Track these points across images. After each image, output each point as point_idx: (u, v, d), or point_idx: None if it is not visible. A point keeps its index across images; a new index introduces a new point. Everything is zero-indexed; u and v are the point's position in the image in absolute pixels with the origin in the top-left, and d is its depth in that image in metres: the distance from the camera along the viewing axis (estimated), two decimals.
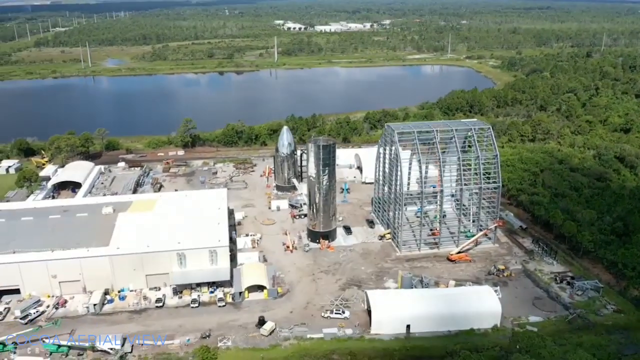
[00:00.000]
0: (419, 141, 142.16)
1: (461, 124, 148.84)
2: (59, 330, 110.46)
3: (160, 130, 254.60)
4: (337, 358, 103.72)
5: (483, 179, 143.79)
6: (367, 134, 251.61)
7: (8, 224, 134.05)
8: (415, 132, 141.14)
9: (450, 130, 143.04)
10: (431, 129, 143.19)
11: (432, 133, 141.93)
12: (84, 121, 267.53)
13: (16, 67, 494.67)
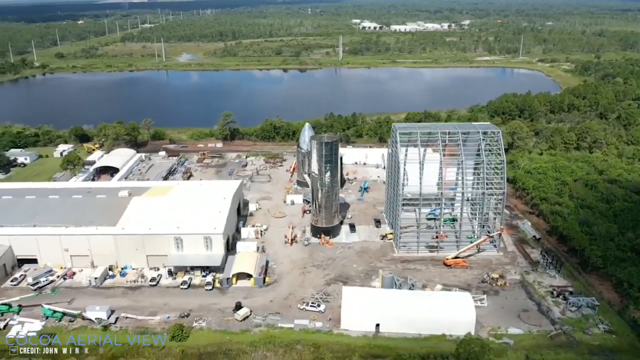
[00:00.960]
0: (422, 142, 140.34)
1: (470, 127, 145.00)
2: (58, 298, 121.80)
3: (208, 123, 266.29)
4: (300, 348, 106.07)
5: (489, 184, 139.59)
6: None
7: (36, 201, 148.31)
8: (418, 132, 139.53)
9: (455, 133, 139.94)
10: (435, 130, 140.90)
11: (436, 135, 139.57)
12: (140, 111, 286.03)
13: (98, 60, 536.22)
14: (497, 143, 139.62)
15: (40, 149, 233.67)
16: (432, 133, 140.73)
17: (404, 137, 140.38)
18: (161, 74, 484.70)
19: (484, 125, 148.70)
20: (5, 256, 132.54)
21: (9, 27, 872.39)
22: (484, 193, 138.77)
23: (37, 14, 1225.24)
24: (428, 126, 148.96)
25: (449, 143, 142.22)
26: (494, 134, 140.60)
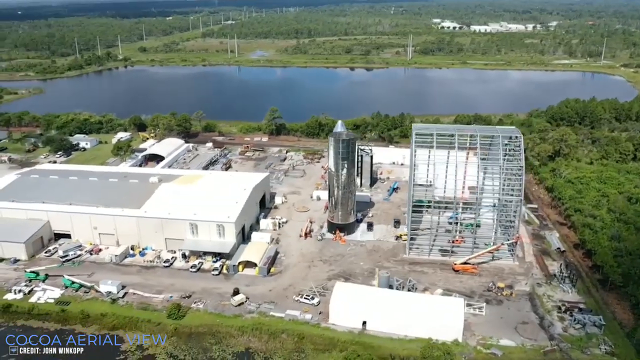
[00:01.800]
0: (443, 145, 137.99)
1: (491, 131, 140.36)
2: (80, 270, 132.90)
3: (261, 117, 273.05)
4: (284, 337, 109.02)
5: (507, 190, 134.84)
6: None
7: (77, 181, 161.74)
8: (434, 134, 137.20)
9: (475, 135, 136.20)
10: (452, 132, 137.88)
11: (454, 137, 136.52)
12: (200, 103, 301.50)
13: (176, 55, 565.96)
14: (519, 148, 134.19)
15: (102, 136, 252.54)
16: (451, 135, 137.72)
17: (419, 138, 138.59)
18: (230, 69, 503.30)
19: (507, 129, 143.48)
20: (43, 230, 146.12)
21: (103, 22, 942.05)
22: (499, 199, 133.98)
23: (132, 10, 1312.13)
24: (447, 128, 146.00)
25: (470, 146, 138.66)
26: (516, 139, 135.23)
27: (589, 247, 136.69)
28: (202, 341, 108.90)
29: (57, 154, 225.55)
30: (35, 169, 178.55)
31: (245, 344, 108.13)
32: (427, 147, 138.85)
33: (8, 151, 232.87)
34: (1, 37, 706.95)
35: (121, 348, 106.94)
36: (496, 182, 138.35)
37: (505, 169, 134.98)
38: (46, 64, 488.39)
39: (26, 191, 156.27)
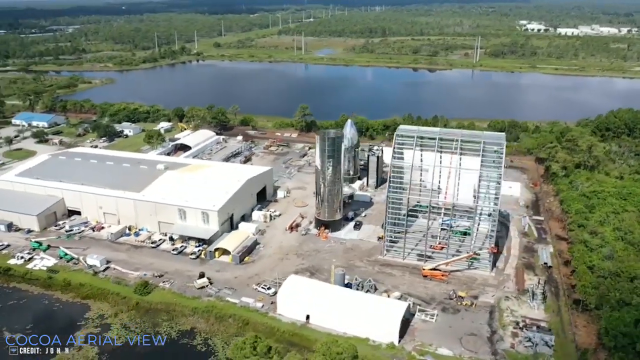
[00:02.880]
0: (421, 146, 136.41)
1: (475, 136, 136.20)
2: (77, 244, 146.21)
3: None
4: (230, 322, 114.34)
5: (484, 199, 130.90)
6: None
7: (94, 164, 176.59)
8: (415, 136, 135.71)
9: (455, 140, 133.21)
10: (434, 135, 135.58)
11: (435, 140, 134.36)
12: (248, 97, 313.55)
13: (245, 51, 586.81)
14: (500, 156, 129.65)
15: (147, 124, 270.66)
16: (431, 138, 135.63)
17: (400, 140, 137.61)
18: (292, 66, 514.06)
19: (492, 135, 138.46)
20: (57, 205, 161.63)
21: (189, 18, 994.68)
22: (475, 207, 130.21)
23: (222, 7, 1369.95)
24: (432, 131, 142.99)
25: (452, 151, 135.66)
26: (499, 146, 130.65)
27: (573, 264, 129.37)
28: (156, 317, 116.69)
29: (101, 139, 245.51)
30: (66, 151, 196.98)
31: (192, 323, 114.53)
32: (409, 149, 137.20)
33: (62, 135, 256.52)
34: (95, 31, 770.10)
35: (85, 315, 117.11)
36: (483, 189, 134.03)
37: (485, 177, 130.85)
38: (126, 57, 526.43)
39: (50, 170, 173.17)
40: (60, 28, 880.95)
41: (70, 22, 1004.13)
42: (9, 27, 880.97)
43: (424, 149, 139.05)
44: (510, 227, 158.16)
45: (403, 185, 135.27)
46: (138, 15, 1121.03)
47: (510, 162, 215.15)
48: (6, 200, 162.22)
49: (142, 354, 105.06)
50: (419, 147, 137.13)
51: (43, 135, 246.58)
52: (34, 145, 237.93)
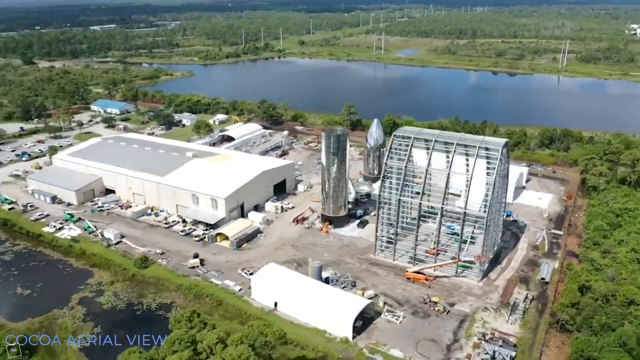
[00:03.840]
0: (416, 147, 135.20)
1: (473, 141, 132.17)
2: (102, 219, 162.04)
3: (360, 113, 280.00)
4: (207, 300, 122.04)
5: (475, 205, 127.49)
6: (529, 151, 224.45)
7: (134, 149, 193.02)
8: (412, 137, 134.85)
9: (451, 143, 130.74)
10: (431, 138, 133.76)
11: (430, 142, 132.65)
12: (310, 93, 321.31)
13: (327, 49, 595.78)
14: (494, 162, 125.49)
15: (205, 116, 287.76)
16: (427, 140, 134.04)
17: (397, 140, 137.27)
18: (369, 65, 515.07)
19: (492, 140, 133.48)
20: (96, 183, 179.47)
21: (283, 16, 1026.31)
22: (464, 213, 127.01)
23: (321, 5, 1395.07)
24: (431, 133, 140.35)
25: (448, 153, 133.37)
26: (495, 152, 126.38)
27: (565, 282, 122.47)
28: (145, 289, 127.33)
29: (160, 127, 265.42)
30: (115, 136, 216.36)
31: (173, 298, 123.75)
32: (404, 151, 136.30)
33: (129, 122, 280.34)
34: (193, 27, 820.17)
35: (86, 281, 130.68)
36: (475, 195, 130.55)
37: (477, 182, 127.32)
38: (212, 52, 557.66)
39: (96, 152, 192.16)
40: (164, 24, 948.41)
41: (176, 18, 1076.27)
42: (120, 22, 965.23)
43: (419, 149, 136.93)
44: (522, 239, 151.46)
45: (393, 186, 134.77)
46: (238, 12, 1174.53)
47: (552, 172, 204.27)
48: (54, 175, 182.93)
49: (121, 318, 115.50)
50: (416, 148, 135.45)
51: (111, 121, 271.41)
52: (102, 130, 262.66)
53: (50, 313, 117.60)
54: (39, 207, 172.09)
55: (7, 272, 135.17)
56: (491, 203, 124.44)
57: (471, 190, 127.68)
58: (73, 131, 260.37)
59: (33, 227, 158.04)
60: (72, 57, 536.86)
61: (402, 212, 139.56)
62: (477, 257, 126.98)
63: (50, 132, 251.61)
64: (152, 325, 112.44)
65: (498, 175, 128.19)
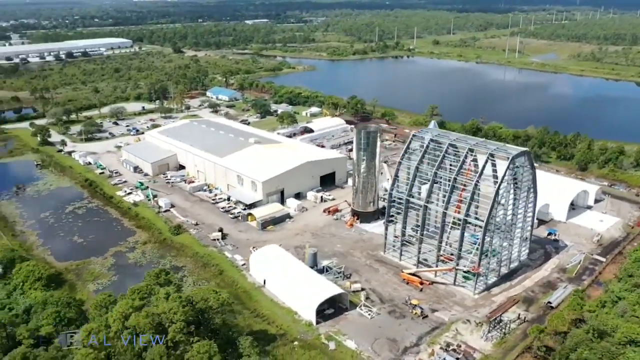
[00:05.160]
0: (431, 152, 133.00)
1: (486, 146, 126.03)
2: (165, 189, 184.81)
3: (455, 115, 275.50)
4: (211, 269, 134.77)
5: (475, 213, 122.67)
6: (620, 170, 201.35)
7: (210, 131, 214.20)
8: (427, 139, 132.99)
9: (463, 147, 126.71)
10: (445, 140, 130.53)
11: (443, 145, 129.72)
12: (411, 92, 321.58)
13: (458, 50, 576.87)
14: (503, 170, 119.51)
15: (300, 107, 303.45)
16: (439, 143, 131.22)
17: (415, 141, 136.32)
18: (495, 68, 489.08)
19: (507, 148, 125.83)
20: (170, 159, 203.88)
21: (431, 15, 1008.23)
22: (464, 220, 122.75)
23: (479, 5, 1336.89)
24: (446, 135, 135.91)
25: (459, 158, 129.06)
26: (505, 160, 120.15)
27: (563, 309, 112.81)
28: (168, 252, 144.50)
29: (255, 115, 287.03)
30: (199, 119, 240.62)
31: (186, 263, 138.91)
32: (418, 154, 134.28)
33: (233, 108, 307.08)
34: (335, 23, 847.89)
35: (127, 239, 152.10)
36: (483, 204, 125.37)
37: (481, 190, 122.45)
38: (343, 48, 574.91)
39: (180, 131, 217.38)
40: (312, 20, 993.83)
41: (326, 14, 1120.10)
42: (275, 17, 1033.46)
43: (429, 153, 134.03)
44: (553, 259, 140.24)
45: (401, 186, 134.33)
46: (388, 10, 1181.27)
47: (635, 195, 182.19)
48: (141, 149, 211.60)
49: (136, 273, 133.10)
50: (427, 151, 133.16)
51: (217, 107, 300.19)
52: (207, 114, 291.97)
53: (87, 259, 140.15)
54: (122, 174, 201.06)
55: (74, 224, 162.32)
56: (494, 214, 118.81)
57: (480, 199, 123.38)
58: (182, 113, 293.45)
59: (110, 189, 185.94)
60: (216, 48, 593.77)
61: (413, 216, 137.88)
62: (472, 268, 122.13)
63: (162, 113, 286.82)
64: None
65: (509, 184, 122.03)
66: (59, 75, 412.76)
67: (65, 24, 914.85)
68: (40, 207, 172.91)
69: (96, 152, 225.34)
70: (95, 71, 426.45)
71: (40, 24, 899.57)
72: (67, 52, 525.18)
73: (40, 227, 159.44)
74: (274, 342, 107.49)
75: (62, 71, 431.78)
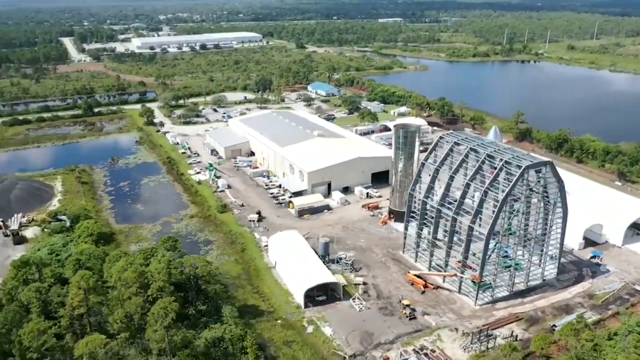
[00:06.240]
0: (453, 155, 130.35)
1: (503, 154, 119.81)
2: (230, 172, 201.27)
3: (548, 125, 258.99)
4: (236, 246, 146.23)
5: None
6: None
7: (283, 122, 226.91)
8: (452, 142, 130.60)
9: (482, 153, 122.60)
10: (466, 145, 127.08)
11: (462, 147, 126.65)
12: (519, 100, 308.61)
13: (592, 56, 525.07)
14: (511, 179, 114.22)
15: (390, 106, 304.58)
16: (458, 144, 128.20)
17: (441, 142, 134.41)
18: (631, 78, 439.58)
19: (522, 156, 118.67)
20: (243, 145, 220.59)
21: (579, 18, 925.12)
22: (471, 227, 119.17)
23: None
24: (470, 139, 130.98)
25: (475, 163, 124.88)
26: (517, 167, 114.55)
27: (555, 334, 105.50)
28: (207, 227, 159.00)
29: (344, 111, 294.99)
30: (279, 111, 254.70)
31: (217, 237, 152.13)
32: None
33: (327, 104, 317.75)
34: (467, 23, 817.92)
35: (179, 211, 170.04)
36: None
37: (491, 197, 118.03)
38: (465, 49, 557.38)
39: (257, 120, 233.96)
40: (446, 19, 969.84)
41: (465, 14, 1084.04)
42: (411, 16, 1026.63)
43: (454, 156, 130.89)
44: (583, 283, 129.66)
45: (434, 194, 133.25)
46: (534, 12, 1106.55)
47: None
48: (220, 134, 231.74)
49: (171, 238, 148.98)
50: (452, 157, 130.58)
51: (310, 101, 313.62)
52: (300, 107, 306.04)
53: (140, 225, 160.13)
54: (201, 155, 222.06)
55: (142, 194, 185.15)
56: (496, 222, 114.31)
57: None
58: (277, 105, 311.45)
59: (184, 168, 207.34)
60: (338, 45, 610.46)
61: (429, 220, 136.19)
62: (473, 276, 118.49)
63: (259, 103, 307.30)
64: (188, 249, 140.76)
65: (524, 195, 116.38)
66: (186, 64, 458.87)
67: (212, 18, 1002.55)
68: (122, 177, 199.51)
69: (187, 134, 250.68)
70: (218, 62, 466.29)
71: (191, 18, 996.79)
72: (201, 44, 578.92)
73: (115, 194, 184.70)
74: (261, 317, 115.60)
75: (191, 61, 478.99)
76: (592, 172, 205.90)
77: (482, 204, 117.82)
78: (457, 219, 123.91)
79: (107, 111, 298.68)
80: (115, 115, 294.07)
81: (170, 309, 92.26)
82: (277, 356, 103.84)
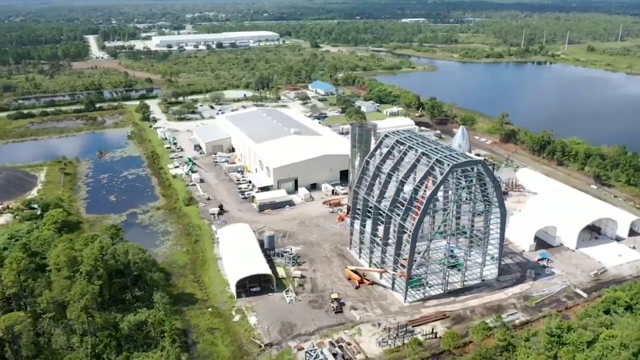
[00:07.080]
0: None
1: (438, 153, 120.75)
2: (207, 167, 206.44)
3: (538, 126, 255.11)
4: (191, 237, 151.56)
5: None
6: None
7: (263, 119, 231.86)
8: (394, 140, 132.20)
9: (418, 151, 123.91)
10: (407, 143, 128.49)
11: (403, 146, 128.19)
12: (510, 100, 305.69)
13: (608, 58, 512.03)
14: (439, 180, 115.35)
15: (385, 106, 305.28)
16: (403, 144, 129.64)
17: (385, 141, 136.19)
18: None
19: (465, 157, 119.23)
20: (224, 141, 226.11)
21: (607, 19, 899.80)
22: (400, 223, 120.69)
23: None
24: (414, 139, 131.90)
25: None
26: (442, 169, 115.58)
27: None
28: (169, 219, 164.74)
29: (337, 110, 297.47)
30: (263, 107, 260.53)
31: (176, 229, 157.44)
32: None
33: (323, 102, 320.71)
34: (488, 24, 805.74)
35: (149, 203, 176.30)
36: None
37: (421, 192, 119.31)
38: (479, 50, 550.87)
39: (241, 117, 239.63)
40: (470, 20, 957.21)
41: (490, 15, 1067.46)
42: (435, 16, 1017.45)
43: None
44: (523, 284, 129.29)
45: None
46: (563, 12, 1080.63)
47: None
48: (205, 130, 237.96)
49: (137, 232, 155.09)
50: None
51: (306, 100, 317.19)
52: (296, 106, 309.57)
53: (107, 215, 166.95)
54: (184, 150, 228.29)
55: (118, 186, 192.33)
56: (421, 221, 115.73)
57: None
58: (273, 103, 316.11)
59: (164, 162, 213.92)
60: (354, 45, 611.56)
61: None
62: (400, 273, 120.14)
63: (255, 101, 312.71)
64: (145, 239, 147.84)
65: (455, 194, 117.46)
66: (198, 62, 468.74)
67: (237, 17, 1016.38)
68: (104, 170, 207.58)
69: (177, 130, 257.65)
70: (229, 60, 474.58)
71: (216, 17, 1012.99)
72: (217, 43, 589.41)
73: (93, 185, 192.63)
74: (194, 304, 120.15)
75: (203, 59, 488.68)
76: (570, 175, 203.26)
77: (412, 201, 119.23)
78: (391, 216, 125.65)
79: (108, 106, 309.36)
80: (116, 111, 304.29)
81: (87, 290, 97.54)
82: (198, 342, 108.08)
